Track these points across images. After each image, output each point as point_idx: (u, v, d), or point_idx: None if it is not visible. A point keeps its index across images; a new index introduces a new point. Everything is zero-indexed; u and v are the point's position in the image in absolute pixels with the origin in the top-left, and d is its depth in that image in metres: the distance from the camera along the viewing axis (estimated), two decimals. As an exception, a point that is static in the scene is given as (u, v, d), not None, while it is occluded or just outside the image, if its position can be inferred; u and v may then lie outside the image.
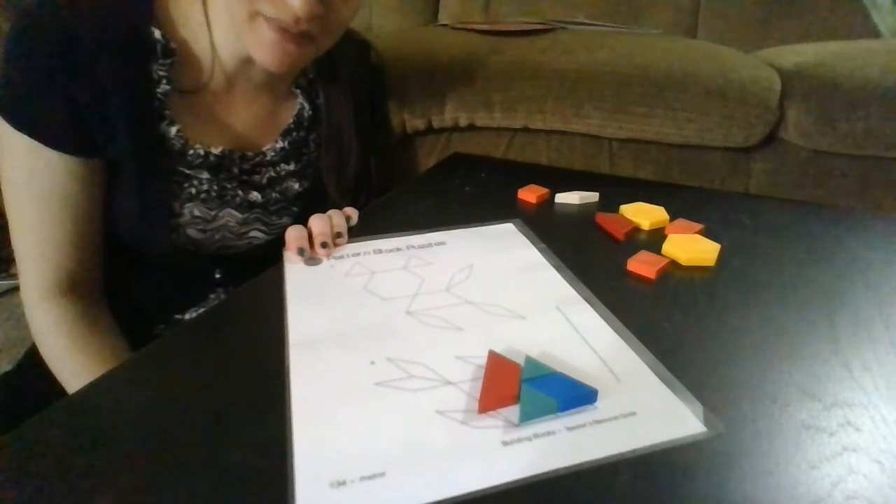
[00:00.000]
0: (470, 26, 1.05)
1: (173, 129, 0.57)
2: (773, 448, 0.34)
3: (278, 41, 0.52)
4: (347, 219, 0.60)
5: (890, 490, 0.31)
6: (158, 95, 0.56)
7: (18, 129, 0.51)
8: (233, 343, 0.44)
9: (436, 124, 0.89)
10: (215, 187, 0.61)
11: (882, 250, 0.58)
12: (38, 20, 0.50)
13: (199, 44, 0.58)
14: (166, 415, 0.36)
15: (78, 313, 0.57)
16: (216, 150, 0.60)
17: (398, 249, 0.57)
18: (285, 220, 0.67)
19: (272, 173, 0.66)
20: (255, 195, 0.65)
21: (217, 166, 0.61)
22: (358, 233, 0.59)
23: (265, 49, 0.53)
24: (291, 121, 0.67)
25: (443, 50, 0.92)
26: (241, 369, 0.41)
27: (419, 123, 0.89)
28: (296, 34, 0.52)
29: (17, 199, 0.54)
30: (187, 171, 0.59)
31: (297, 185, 0.68)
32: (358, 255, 0.56)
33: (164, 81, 0.56)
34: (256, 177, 0.65)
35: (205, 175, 0.60)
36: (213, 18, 0.57)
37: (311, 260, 0.54)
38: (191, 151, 0.58)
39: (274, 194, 0.66)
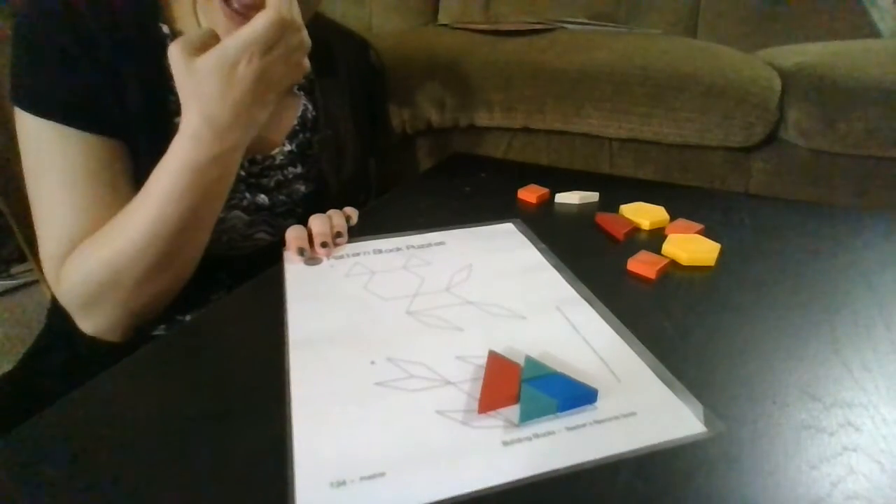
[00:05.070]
0: (470, 26, 1.05)
1: None
2: (773, 448, 0.34)
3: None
4: (347, 219, 0.60)
5: (890, 490, 0.31)
6: (174, 89, 0.56)
7: (36, 114, 0.50)
8: (233, 343, 0.44)
9: (436, 124, 0.89)
10: None
11: (882, 250, 0.58)
12: (47, 7, 0.50)
13: None
14: (166, 415, 0.36)
15: None
16: None
17: (398, 249, 0.57)
18: (291, 221, 0.67)
19: (280, 176, 0.66)
20: (263, 198, 0.65)
21: None
22: (358, 233, 0.59)
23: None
24: (296, 122, 0.67)
25: (443, 50, 0.92)
26: (241, 369, 0.41)
27: (419, 123, 0.89)
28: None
29: (40, 182, 0.53)
30: None
31: (303, 188, 0.68)
32: (358, 255, 0.56)
33: None
34: (265, 180, 0.65)
35: None
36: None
37: (311, 260, 0.54)
38: None
39: (281, 197, 0.66)
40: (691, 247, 0.55)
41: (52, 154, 0.52)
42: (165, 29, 0.55)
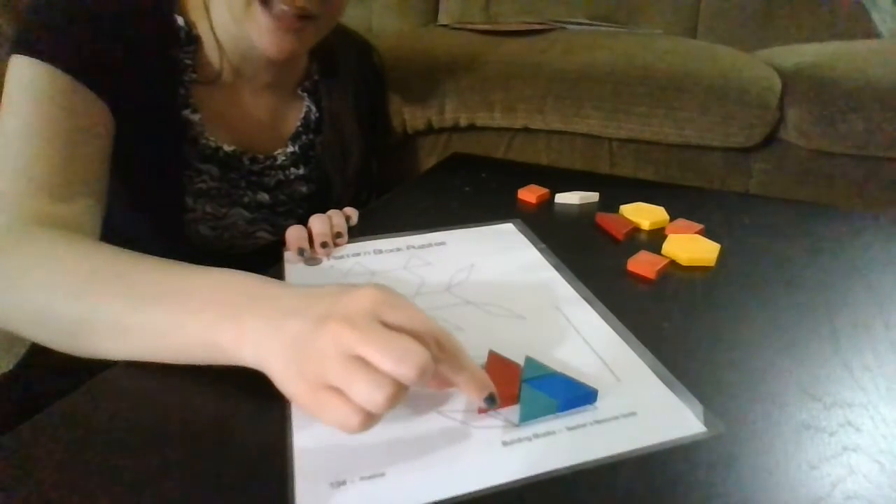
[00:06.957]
0: (470, 26, 1.05)
1: (196, 117, 0.58)
2: (773, 448, 0.34)
3: (277, 26, 0.52)
4: (347, 219, 0.61)
5: (890, 490, 0.31)
6: (185, 82, 0.56)
7: (39, 58, 0.48)
8: (233, 343, 0.44)
9: (436, 124, 0.89)
10: (225, 185, 0.61)
11: (882, 250, 0.58)
12: None
13: (207, 34, 0.58)
14: (166, 415, 0.36)
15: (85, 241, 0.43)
16: (228, 148, 0.61)
17: (398, 249, 0.57)
18: (291, 221, 0.68)
19: (281, 176, 0.66)
20: (264, 195, 0.65)
21: (226, 164, 0.61)
22: (358, 233, 0.59)
23: (265, 35, 0.53)
24: (299, 124, 0.67)
25: (443, 50, 0.92)
26: (240, 369, 0.40)
27: (419, 123, 0.89)
28: (294, 16, 0.52)
29: (6, 120, 0.48)
30: (198, 165, 0.59)
31: (304, 188, 0.68)
32: (358, 255, 0.56)
33: (189, 69, 0.57)
34: (266, 179, 0.65)
35: (214, 171, 0.60)
36: (211, 7, 0.58)
37: (312, 260, 0.54)
38: (203, 141, 0.59)
39: (281, 196, 0.67)
40: (691, 247, 0.55)
41: (34, 94, 0.48)
42: (181, 21, 0.56)
